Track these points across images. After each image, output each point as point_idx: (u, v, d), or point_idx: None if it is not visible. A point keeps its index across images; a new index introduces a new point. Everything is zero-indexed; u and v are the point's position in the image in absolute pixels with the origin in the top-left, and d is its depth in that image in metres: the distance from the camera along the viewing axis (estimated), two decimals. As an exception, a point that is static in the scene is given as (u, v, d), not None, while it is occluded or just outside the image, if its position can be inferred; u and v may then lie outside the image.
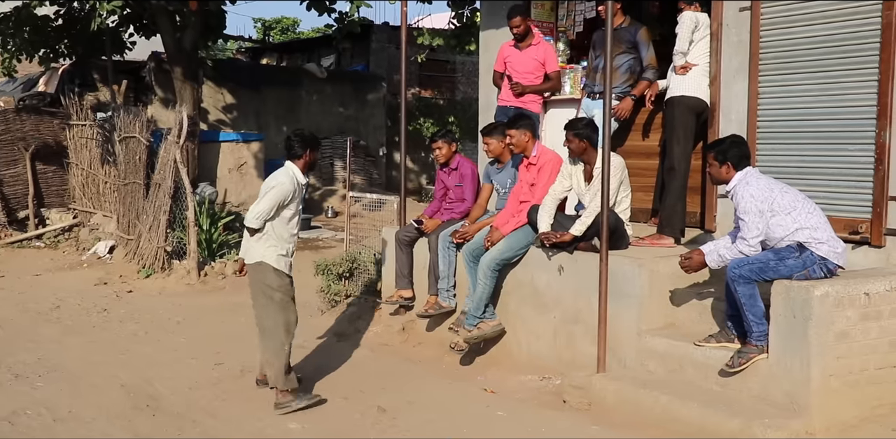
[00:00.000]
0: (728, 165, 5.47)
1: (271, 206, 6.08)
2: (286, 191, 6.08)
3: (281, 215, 6.15)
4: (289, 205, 6.16)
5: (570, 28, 8.61)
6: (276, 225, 6.16)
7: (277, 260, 6.19)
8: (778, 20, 6.64)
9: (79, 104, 14.29)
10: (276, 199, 6.07)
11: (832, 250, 5.22)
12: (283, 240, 6.20)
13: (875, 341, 5.27)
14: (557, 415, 5.90)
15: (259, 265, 6.20)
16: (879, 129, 6.04)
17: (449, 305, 7.43)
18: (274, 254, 6.17)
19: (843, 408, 5.17)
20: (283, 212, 6.16)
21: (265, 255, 6.17)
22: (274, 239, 6.18)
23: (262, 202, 6.09)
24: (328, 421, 5.94)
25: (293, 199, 6.16)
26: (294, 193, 6.14)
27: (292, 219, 6.25)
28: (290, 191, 6.10)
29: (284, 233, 6.21)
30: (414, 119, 19.86)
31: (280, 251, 6.20)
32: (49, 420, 5.95)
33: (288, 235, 6.23)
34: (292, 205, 6.19)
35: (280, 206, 6.11)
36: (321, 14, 14.37)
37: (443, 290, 7.44)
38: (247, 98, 18.21)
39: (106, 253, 12.51)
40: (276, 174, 6.23)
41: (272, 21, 32.34)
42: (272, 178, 6.20)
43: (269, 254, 6.17)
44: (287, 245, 6.25)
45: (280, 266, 6.20)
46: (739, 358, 5.32)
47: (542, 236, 6.59)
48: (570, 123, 6.75)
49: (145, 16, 14.53)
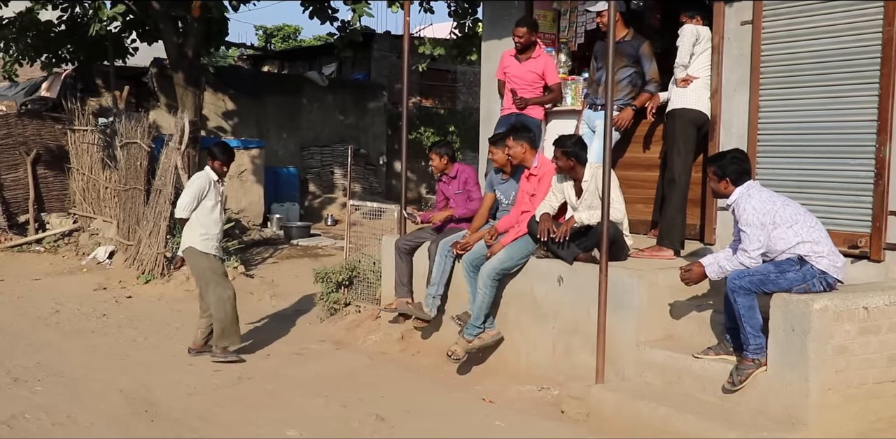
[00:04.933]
0: (727, 181, 5.49)
1: (192, 198, 7.45)
2: (202, 185, 7.48)
3: (202, 205, 7.49)
4: (207, 196, 7.50)
5: (571, 39, 8.64)
6: (199, 214, 7.50)
7: (203, 243, 7.49)
8: (779, 34, 6.67)
9: (80, 109, 14.33)
10: (195, 192, 7.46)
11: (832, 264, 5.24)
12: (207, 226, 7.51)
13: (874, 355, 5.28)
14: (555, 426, 5.91)
15: (189, 250, 7.54)
16: (879, 144, 6.06)
17: (429, 313, 7.42)
18: (199, 238, 7.49)
19: (842, 422, 5.17)
20: (205, 203, 7.50)
21: (192, 240, 7.50)
22: (199, 226, 7.50)
23: (184, 195, 7.54)
24: (327, 428, 5.94)
25: (209, 192, 7.51)
26: (209, 186, 7.51)
27: (214, 209, 7.56)
28: (205, 185, 7.49)
29: (207, 221, 7.51)
30: (414, 128, 19.89)
31: (205, 236, 7.50)
32: (48, 424, 5.95)
33: (212, 223, 7.54)
34: (211, 196, 7.53)
35: (199, 198, 7.46)
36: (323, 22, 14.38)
37: (429, 296, 7.43)
38: (248, 105, 18.24)
39: (105, 258, 12.51)
40: (196, 174, 7.82)
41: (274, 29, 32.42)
42: (192, 177, 7.78)
43: (195, 239, 7.50)
44: (212, 231, 7.55)
45: (205, 248, 7.51)
46: (738, 375, 5.32)
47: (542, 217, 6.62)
48: (559, 141, 6.76)
49: (148, 22, 14.56)
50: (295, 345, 8.29)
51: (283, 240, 14.70)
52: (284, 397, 6.65)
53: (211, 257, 7.55)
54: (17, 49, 15.47)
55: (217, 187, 7.63)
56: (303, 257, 13.29)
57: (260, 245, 13.92)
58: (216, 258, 7.63)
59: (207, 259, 7.54)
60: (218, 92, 17.92)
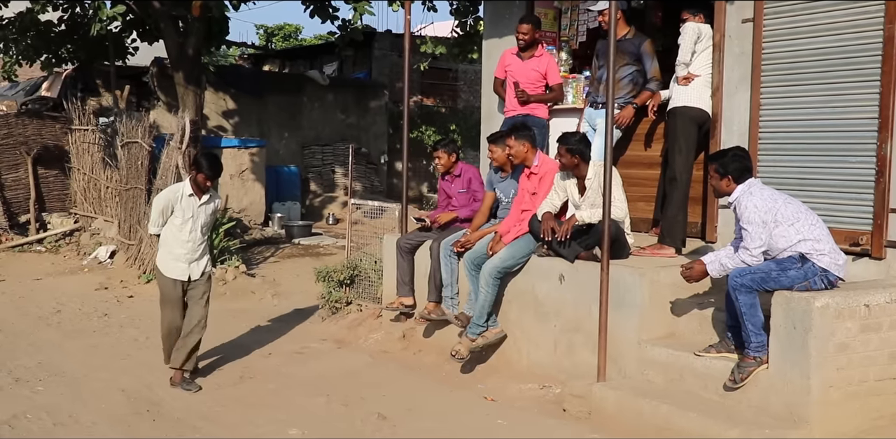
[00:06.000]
0: (729, 179, 5.49)
1: (157, 214, 6.86)
2: (161, 202, 6.82)
3: (170, 222, 6.87)
4: (175, 214, 6.83)
5: (572, 38, 8.64)
6: (167, 232, 6.91)
7: (164, 264, 6.90)
8: (780, 32, 6.67)
9: (81, 109, 14.32)
10: (157, 209, 6.86)
11: (833, 262, 5.24)
12: (170, 245, 6.89)
13: (875, 353, 5.28)
14: (557, 424, 5.92)
15: (155, 267, 7.11)
16: (881, 142, 6.07)
17: (453, 313, 7.43)
18: (161, 258, 6.94)
19: (843, 420, 5.18)
20: (172, 220, 6.86)
21: (158, 258, 6.99)
22: (164, 245, 6.94)
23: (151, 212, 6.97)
24: (328, 427, 5.95)
25: (178, 210, 6.81)
26: (174, 204, 6.81)
27: (183, 227, 6.86)
28: (168, 201, 6.81)
29: (172, 240, 6.87)
30: (416, 127, 19.89)
31: (167, 256, 6.90)
32: (49, 424, 5.96)
33: (177, 242, 6.87)
34: (179, 214, 6.82)
35: (165, 215, 6.85)
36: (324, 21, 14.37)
37: (447, 298, 7.44)
38: (248, 104, 18.23)
39: (107, 258, 12.51)
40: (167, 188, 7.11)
41: (275, 28, 32.38)
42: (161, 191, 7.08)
43: (159, 258, 6.98)
44: (176, 251, 6.87)
45: (165, 270, 6.89)
46: (740, 373, 5.33)
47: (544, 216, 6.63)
48: (563, 138, 6.76)
49: (148, 21, 14.56)
50: (296, 344, 8.29)
51: (285, 239, 14.70)
52: (286, 396, 6.65)
53: (169, 282, 6.88)
54: (17, 49, 15.49)
55: (191, 202, 6.84)
56: (304, 256, 13.29)
57: (261, 244, 13.92)
58: (176, 283, 6.88)
59: (164, 281, 6.91)
60: (219, 91, 17.91)
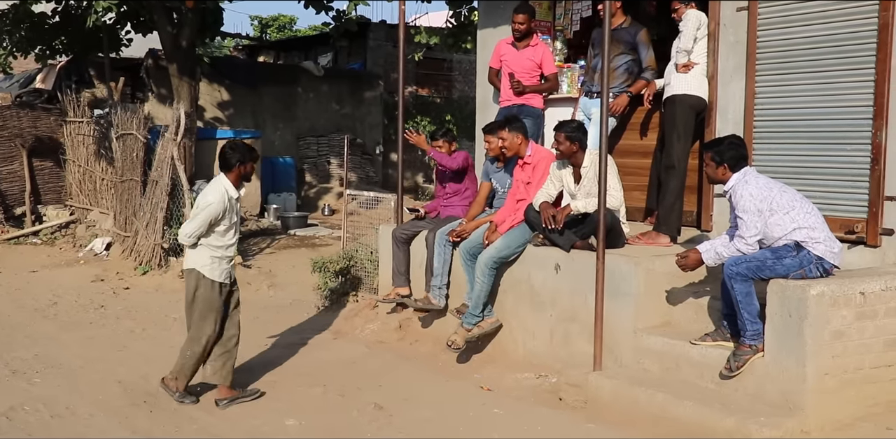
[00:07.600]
0: (725, 167, 5.48)
1: (200, 226, 6.18)
2: (215, 212, 6.15)
3: (215, 231, 6.25)
4: (221, 222, 6.23)
5: (567, 27, 8.62)
6: (211, 239, 6.26)
7: (210, 269, 6.26)
8: (775, 20, 6.66)
9: (76, 101, 14.28)
10: (205, 220, 6.16)
11: (829, 250, 5.25)
12: (217, 249, 6.28)
13: (870, 340, 5.29)
14: (553, 413, 5.93)
15: (191, 271, 6.31)
16: (875, 130, 6.07)
17: (438, 303, 7.42)
18: (207, 262, 6.26)
19: (838, 407, 5.19)
20: (217, 228, 6.25)
21: (198, 263, 6.27)
22: (208, 249, 6.27)
23: (193, 223, 6.21)
24: (325, 418, 5.95)
25: (225, 216, 6.24)
26: (224, 212, 6.21)
27: (228, 232, 6.33)
28: (220, 211, 6.18)
29: (218, 243, 6.28)
30: (411, 117, 19.89)
31: (214, 261, 6.28)
32: (46, 416, 5.96)
33: (224, 246, 6.31)
34: (225, 221, 6.26)
35: (212, 224, 6.20)
36: (318, 12, 14.35)
37: (434, 288, 7.43)
38: (243, 96, 18.21)
39: (103, 250, 12.50)
40: (206, 192, 6.28)
41: (269, 19, 32.35)
42: (202, 197, 6.27)
43: (201, 262, 6.27)
44: (222, 253, 6.31)
45: (212, 275, 6.28)
46: (736, 361, 5.34)
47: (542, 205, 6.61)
48: (561, 125, 6.73)
49: (142, 13, 14.52)
50: (293, 335, 8.29)
51: (280, 230, 14.69)
52: (283, 386, 6.66)
53: (215, 286, 6.29)
54: (11, 41, 15.43)
55: (235, 205, 6.35)
56: (300, 247, 13.29)
57: (257, 235, 13.90)
58: (221, 286, 6.33)
59: (206, 287, 6.27)
60: (213, 82, 17.88)
